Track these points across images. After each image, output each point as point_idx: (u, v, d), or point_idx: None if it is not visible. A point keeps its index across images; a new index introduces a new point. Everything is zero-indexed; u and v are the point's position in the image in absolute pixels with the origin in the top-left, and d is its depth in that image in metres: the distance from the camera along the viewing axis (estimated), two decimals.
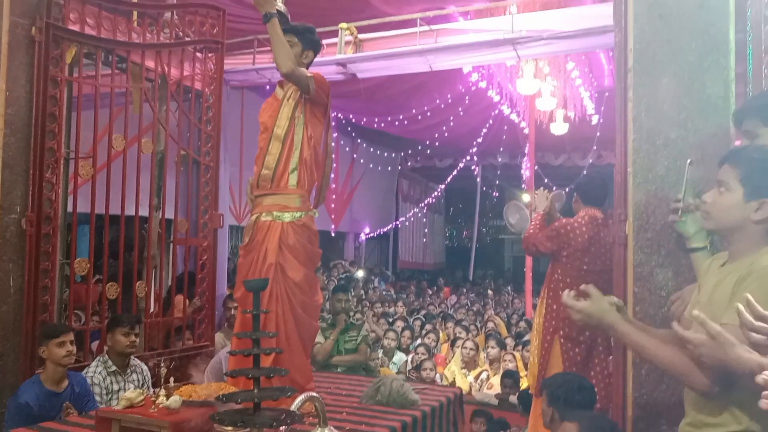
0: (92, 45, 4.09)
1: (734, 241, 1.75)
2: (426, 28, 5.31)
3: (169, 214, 4.71)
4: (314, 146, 3.13)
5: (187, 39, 4.60)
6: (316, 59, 3.40)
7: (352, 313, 6.42)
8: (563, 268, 3.84)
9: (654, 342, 1.78)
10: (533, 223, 4.09)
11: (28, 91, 3.83)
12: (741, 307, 1.38)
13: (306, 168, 3.10)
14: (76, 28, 4.01)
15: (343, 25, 5.44)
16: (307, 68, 3.28)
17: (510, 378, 5.36)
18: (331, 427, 2.37)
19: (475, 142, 11.93)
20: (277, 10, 3.04)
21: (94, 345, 4.30)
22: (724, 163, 1.76)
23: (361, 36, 5.51)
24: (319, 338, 4.70)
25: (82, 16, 4.04)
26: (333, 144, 3.47)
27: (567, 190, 4.32)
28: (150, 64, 4.45)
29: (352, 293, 8.80)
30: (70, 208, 4.05)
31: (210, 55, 4.73)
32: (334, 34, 5.46)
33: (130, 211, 4.26)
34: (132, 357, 3.83)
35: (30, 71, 3.84)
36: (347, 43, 5.47)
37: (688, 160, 2.28)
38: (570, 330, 3.70)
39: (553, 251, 3.88)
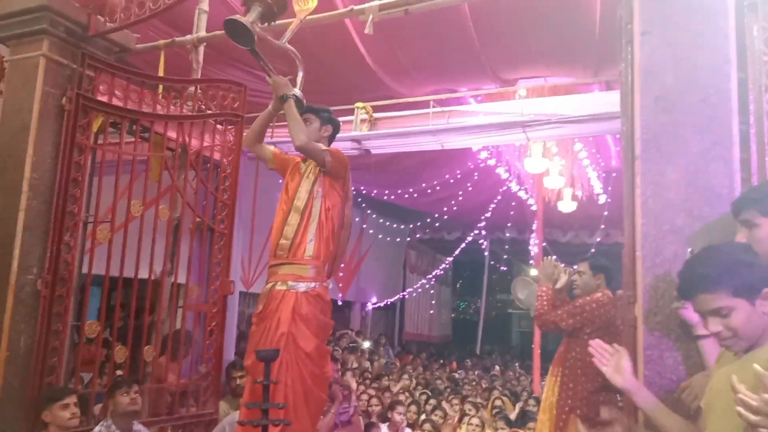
0: (118, 115, 4.27)
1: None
2: (438, 109, 5.52)
3: (181, 279, 4.76)
4: (332, 218, 3.23)
5: (208, 112, 4.78)
6: None
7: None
8: (583, 347, 3.78)
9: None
10: (544, 298, 4.08)
11: (54, 157, 3.98)
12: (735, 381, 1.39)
13: (322, 239, 3.18)
14: (104, 99, 4.19)
15: (359, 104, 5.65)
16: (329, 142, 3.42)
17: None
18: None
19: (483, 217, 12.06)
20: (294, 95, 3.24)
21: (97, 408, 4.26)
22: (698, 294, 1.73)
23: (376, 115, 5.71)
24: None
25: (111, 88, 4.23)
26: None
27: (575, 267, 4.35)
28: (172, 134, 4.61)
29: (356, 364, 8.70)
30: (83, 270, 4.11)
31: (230, 127, 4.90)
32: (350, 112, 5.67)
33: (143, 275, 4.33)
34: (135, 422, 3.79)
35: (57, 138, 4.00)
36: (362, 120, 5.66)
37: (689, 249, 2.34)
38: (588, 410, 3.65)
39: (575, 329, 3.88)
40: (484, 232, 13.75)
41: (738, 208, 2.08)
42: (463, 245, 14.45)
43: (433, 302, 17.09)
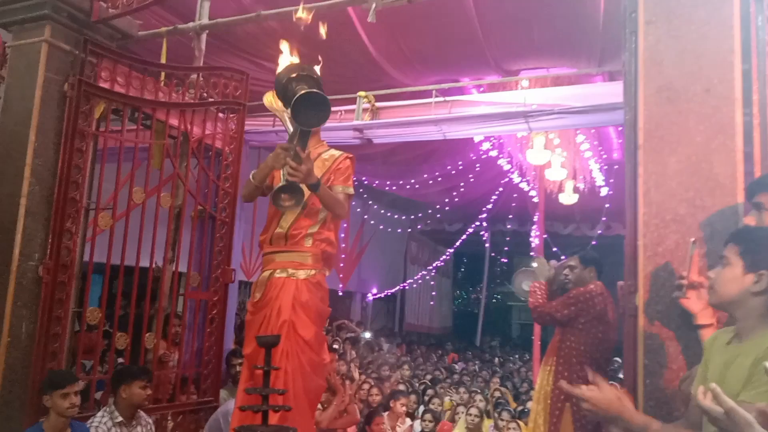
0: (120, 102, 4.26)
1: (739, 317, 1.77)
2: (441, 99, 5.50)
3: (182, 268, 4.77)
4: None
5: (210, 99, 4.77)
6: (336, 125, 3.47)
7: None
8: (578, 336, 3.86)
9: (661, 426, 1.80)
10: (537, 293, 4.14)
11: (56, 144, 3.98)
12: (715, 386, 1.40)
13: (326, 230, 3.15)
14: (106, 85, 4.17)
15: (362, 93, 5.62)
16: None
17: None
18: None
19: (484, 209, 12.05)
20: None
21: (98, 396, 4.28)
22: (728, 243, 1.82)
23: (379, 104, 5.67)
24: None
25: (113, 75, 4.22)
26: None
27: (567, 262, 4.39)
28: (174, 122, 4.60)
29: (355, 355, 8.73)
30: (85, 257, 4.12)
31: (232, 115, 4.89)
32: (353, 101, 5.64)
33: (144, 262, 4.34)
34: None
35: (59, 124, 3.99)
36: (365, 110, 5.64)
37: (692, 239, 2.35)
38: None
39: (570, 318, 3.91)
40: (485, 224, 13.74)
41: (753, 190, 2.11)
42: (464, 237, 14.44)
43: (434, 294, 17.11)
